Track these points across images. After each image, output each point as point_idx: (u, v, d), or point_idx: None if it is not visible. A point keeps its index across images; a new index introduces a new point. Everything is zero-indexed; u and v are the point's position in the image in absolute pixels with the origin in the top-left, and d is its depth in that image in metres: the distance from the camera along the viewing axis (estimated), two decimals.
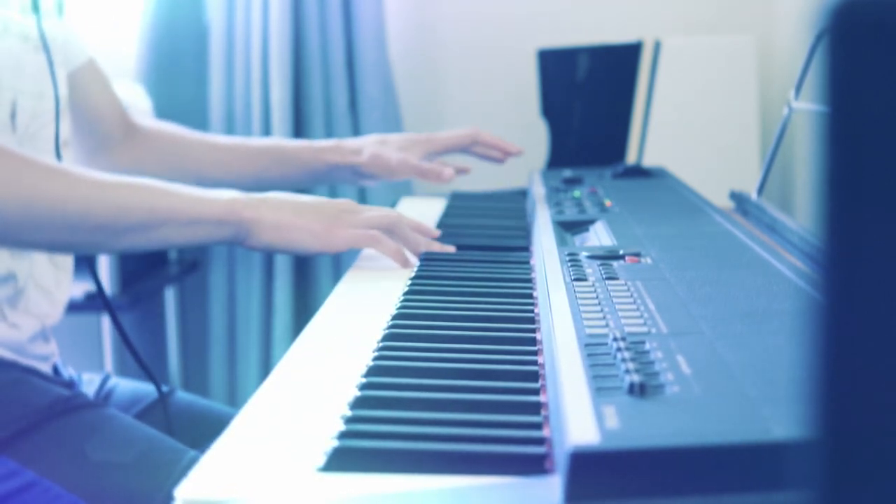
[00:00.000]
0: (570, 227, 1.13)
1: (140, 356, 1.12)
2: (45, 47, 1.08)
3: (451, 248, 1.12)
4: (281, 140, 1.46)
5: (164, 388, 1.22)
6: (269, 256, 2.10)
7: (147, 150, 1.30)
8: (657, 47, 1.94)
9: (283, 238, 1.01)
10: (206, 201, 0.98)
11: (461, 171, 1.39)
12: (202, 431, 1.11)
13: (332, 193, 2.04)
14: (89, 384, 1.20)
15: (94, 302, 1.83)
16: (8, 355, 1.04)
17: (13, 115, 1.03)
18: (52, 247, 1.02)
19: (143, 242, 0.98)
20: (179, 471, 0.94)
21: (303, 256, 2.08)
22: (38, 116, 1.07)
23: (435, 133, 1.40)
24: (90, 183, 0.94)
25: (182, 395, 1.26)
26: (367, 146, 1.34)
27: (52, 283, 1.11)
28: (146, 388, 1.23)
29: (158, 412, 1.18)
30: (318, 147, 1.35)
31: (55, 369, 1.13)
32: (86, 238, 0.96)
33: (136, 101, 1.92)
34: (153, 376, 1.14)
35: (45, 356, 1.10)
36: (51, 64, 1.08)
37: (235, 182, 1.22)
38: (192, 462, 0.95)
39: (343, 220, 1.04)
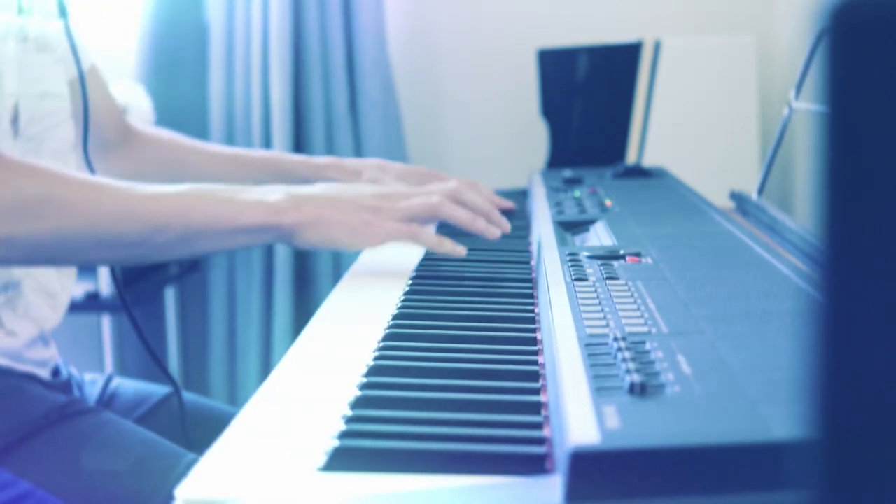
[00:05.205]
0: (570, 227, 1.13)
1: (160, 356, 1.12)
2: (48, 47, 1.07)
3: (497, 232, 1.10)
4: (281, 154, 1.46)
5: (168, 389, 1.22)
6: (269, 256, 2.10)
7: (145, 156, 1.29)
8: (657, 47, 1.94)
9: (322, 236, 0.99)
10: (247, 207, 0.96)
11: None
12: (203, 431, 1.11)
13: None
14: (92, 385, 1.20)
15: (94, 302, 1.83)
16: (3, 363, 1.03)
17: (15, 120, 1.02)
18: (93, 264, 0.99)
19: (187, 253, 0.97)
20: (176, 476, 0.94)
21: (306, 252, 2.07)
22: (39, 119, 1.06)
23: (437, 171, 1.37)
24: (122, 198, 0.92)
25: (183, 396, 1.25)
26: (367, 169, 1.32)
27: (56, 286, 1.10)
28: (150, 389, 1.23)
29: (163, 413, 1.18)
30: (319, 164, 1.33)
31: (55, 371, 1.13)
32: (125, 255, 0.95)
33: (137, 101, 1.91)
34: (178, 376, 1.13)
35: (44, 361, 1.09)
36: (59, 63, 1.05)
37: None
38: (190, 466, 0.94)
39: (383, 212, 1.02)
